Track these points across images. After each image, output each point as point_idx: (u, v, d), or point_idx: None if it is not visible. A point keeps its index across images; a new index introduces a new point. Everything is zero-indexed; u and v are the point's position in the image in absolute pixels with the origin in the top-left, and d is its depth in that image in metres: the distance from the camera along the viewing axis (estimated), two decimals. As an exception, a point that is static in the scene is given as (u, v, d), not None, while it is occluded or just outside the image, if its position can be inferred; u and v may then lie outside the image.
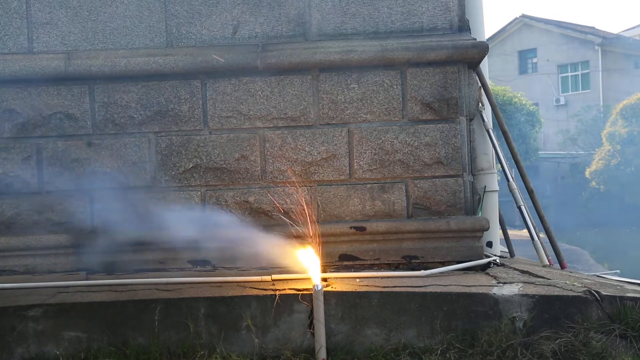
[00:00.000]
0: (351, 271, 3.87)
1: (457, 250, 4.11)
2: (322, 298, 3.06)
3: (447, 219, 4.12)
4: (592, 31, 31.84)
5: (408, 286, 3.38)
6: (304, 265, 3.48)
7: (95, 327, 3.16)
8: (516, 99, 17.87)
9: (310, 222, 3.57)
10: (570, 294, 3.21)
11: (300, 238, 3.69)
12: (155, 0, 4.22)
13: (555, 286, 3.38)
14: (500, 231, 4.82)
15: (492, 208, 4.60)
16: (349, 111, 4.16)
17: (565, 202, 26.13)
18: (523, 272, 3.87)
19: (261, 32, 4.23)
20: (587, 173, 24.49)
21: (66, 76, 4.12)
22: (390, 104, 4.16)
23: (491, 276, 3.71)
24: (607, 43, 30.78)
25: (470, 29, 4.35)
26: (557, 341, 3.05)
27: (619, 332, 3.10)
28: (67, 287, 3.65)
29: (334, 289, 3.32)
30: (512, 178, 4.79)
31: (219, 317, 3.19)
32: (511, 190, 4.74)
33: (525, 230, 4.77)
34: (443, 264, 4.02)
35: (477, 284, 3.47)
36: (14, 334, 3.15)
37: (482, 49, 4.18)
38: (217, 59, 4.01)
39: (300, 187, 4.05)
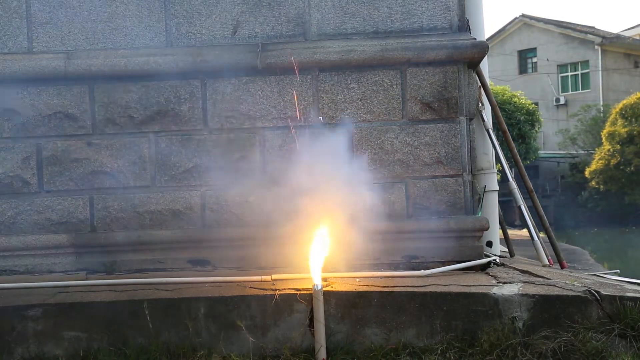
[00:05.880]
0: (351, 271, 3.87)
1: (457, 250, 4.11)
2: (322, 298, 3.06)
3: (447, 219, 4.12)
4: (592, 31, 31.82)
5: (408, 286, 3.38)
6: (304, 265, 3.48)
7: (95, 327, 3.16)
8: (516, 98, 17.88)
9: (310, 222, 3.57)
10: (570, 293, 3.21)
11: (300, 238, 3.68)
12: (155, 0, 4.22)
13: (555, 286, 3.38)
14: (500, 231, 4.82)
15: (492, 208, 4.60)
16: (348, 111, 4.16)
17: (565, 202, 26.15)
18: (523, 271, 3.87)
19: (261, 32, 4.23)
20: (586, 173, 24.49)
21: (66, 76, 4.12)
22: (390, 103, 4.16)
23: (491, 276, 3.71)
24: (607, 43, 30.77)
25: (470, 29, 4.35)
26: (557, 341, 3.05)
27: (619, 332, 3.10)
28: (67, 287, 3.65)
29: (333, 289, 3.32)
30: (512, 178, 4.79)
31: (218, 317, 3.18)
32: (511, 190, 4.74)
33: (525, 230, 4.77)
34: (443, 263, 4.01)
35: (477, 283, 3.47)
36: (14, 334, 3.15)
37: (482, 49, 4.18)
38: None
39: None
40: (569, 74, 31.98)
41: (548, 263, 4.50)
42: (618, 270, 5.23)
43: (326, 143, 3.97)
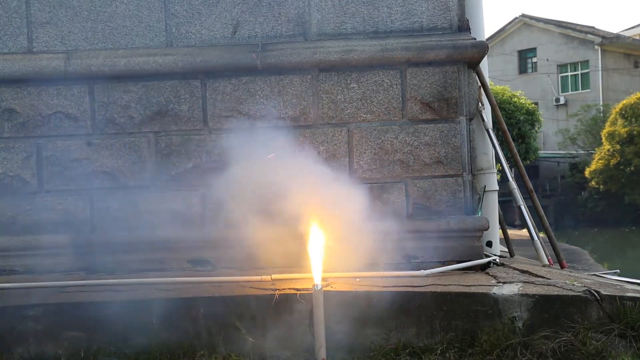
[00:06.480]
0: (351, 271, 3.86)
1: (457, 250, 4.10)
2: (322, 298, 3.05)
3: (447, 219, 4.12)
4: (592, 31, 31.81)
5: (408, 286, 3.38)
6: (304, 264, 3.48)
7: (95, 327, 3.16)
8: (516, 98, 17.88)
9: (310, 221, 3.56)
10: (570, 293, 3.21)
11: (300, 237, 3.68)
12: (155, 0, 4.22)
13: (555, 286, 3.38)
14: (500, 231, 4.82)
15: (492, 208, 4.60)
16: (348, 111, 4.16)
17: (565, 202, 26.16)
18: (523, 271, 3.87)
19: (261, 32, 4.23)
20: (586, 173, 24.50)
21: (66, 76, 4.12)
22: (390, 103, 4.16)
23: (491, 276, 3.72)
24: (607, 43, 30.76)
25: (470, 29, 4.35)
26: (557, 341, 3.05)
27: (619, 332, 3.11)
28: (67, 287, 3.65)
29: (333, 289, 3.32)
30: (512, 178, 4.79)
31: (218, 317, 3.18)
32: (511, 190, 4.74)
33: (525, 230, 4.77)
34: (443, 263, 4.01)
35: (477, 283, 3.47)
36: (14, 334, 3.16)
37: (481, 49, 4.18)
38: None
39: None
40: (569, 74, 31.97)
41: (548, 263, 4.50)
42: (618, 270, 5.23)
43: (326, 143, 3.97)
